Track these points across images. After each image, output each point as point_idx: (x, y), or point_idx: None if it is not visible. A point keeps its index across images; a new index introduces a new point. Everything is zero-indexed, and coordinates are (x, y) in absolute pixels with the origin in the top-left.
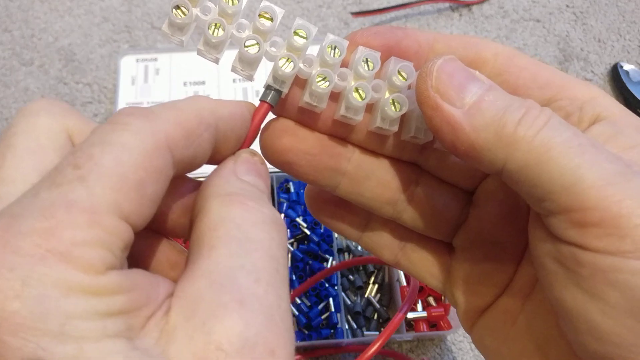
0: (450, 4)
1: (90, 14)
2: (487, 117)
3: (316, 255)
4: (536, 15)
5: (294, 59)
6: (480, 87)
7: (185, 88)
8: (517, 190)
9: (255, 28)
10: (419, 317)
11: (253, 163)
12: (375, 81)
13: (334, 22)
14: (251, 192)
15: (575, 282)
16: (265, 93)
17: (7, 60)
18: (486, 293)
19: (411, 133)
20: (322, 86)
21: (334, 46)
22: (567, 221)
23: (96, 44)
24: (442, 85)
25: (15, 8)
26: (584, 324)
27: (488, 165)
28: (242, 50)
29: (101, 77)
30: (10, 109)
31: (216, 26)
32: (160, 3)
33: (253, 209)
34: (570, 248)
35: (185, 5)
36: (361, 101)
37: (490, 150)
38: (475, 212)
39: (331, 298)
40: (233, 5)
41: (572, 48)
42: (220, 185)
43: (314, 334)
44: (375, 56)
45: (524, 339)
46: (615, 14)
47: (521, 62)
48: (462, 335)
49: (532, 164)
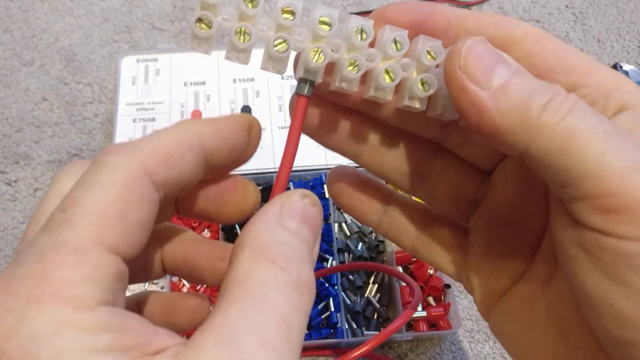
0: (450, 4)
1: (90, 15)
2: (513, 101)
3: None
4: (536, 15)
5: (324, 49)
6: (507, 70)
7: (186, 88)
8: (540, 174)
9: (278, 25)
10: (419, 317)
11: (301, 207)
12: (404, 60)
13: None
14: (286, 247)
15: (598, 267)
16: (300, 86)
17: (8, 60)
18: (503, 277)
19: (438, 111)
20: (353, 71)
21: (361, 29)
22: (590, 207)
23: (97, 45)
24: (470, 66)
25: (16, 8)
26: (607, 309)
27: (510, 148)
28: (272, 50)
29: (102, 77)
30: (10, 109)
31: (242, 32)
32: (161, 4)
33: (279, 270)
34: (593, 234)
35: (208, 18)
36: (391, 82)
37: (513, 133)
38: (492, 192)
39: (331, 298)
40: (253, 7)
41: None
42: (258, 234)
43: (314, 334)
44: (403, 36)
45: (543, 325)
46: (614, 15)
47: (549, 44)
48: (461, 335)
49: (556, 150)
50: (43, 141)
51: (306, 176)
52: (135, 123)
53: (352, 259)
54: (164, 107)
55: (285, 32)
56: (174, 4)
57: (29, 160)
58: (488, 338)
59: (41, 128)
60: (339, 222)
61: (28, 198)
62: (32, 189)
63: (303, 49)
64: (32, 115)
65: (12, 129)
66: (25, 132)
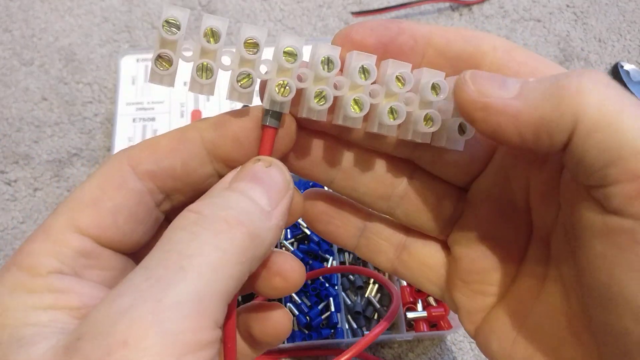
0: (451, 4)
1: (90, 14)
2: (542, 90)
3: (316, 255)
4: (536, 15)
5: (290, 83)
6: (519, 80)
7: (185, 88)
8: (581, 160)
9: (242, 58)
10: (419, 317)
11: (251, 168)
12: (372, 87)
13: (334, 22)
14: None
15: (628, 261)
16: (266, 118)
17: (8, 60)
18: (488, 294)
19: (409, 136)
20: (319, 103)
21: (328, 59)
22: (632, 190)
23: (96, 44)
24: (482, 86)
25: (16, 8)
26: (628, 307)
27: (556, 137)
28: (236, 85)
29: (101, 76)
30: (10, 108)
31: (204, 67)
32: (161, 3)
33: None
34: (630, 222)
35: (168, 55)
36: (359, 113)
37: (556, 119)
38: (470, 209)
39: (331, 298)
40: (215, 42)
41: (572, 48)
42: (203, 196)
43: (314, 334)
44: (371, 64)
45: (534, 341)
46: (615, 14)
47: (520, 56)
48: (462, 335)
49: (604, 126)
50: (43, 141)
51: None
52: (135, 123)
53: (352, 258)
54: (163, 107)
55: (248, 66)
56: (174, 4)
57: (28, 160)
58: None
59: (41, 128)
60: None
61: (28, 198)
62: (32, 188)
63: (268, 81)
64: (32, 115)
65: (11, 128)
66: (24, 131)
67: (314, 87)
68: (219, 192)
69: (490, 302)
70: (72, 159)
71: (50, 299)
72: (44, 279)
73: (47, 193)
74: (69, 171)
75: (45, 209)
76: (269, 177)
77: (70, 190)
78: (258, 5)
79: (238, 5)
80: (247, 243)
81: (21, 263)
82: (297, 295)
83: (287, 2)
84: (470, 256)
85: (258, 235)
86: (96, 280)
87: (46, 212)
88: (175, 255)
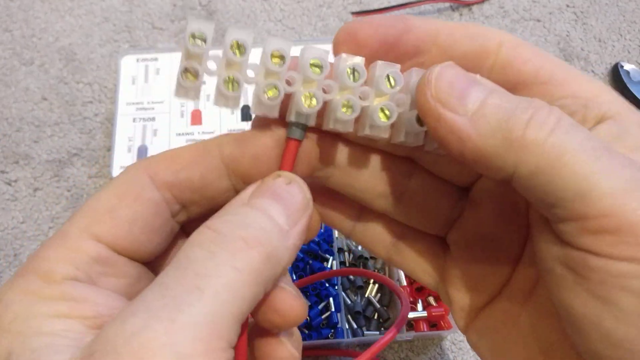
0: (451, 4)
1: (90, 14)
2: (493, 122)
3: (316, 255)
4: (536, 15)
5: (316, 93)
6: (482, 92)
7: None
8: (527, 196)
9: (267, 70)
10: (419, 317)
11: (271, 185)
12: (362, 89)
13: (334, 22)
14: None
15: (585, 288)
16: (292, 130)
17: (8, 60)
18: (482, 291)
19: (401, 138)
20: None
21: (353, 70)
22: (580, 228)
23: (97, 44)
24: (442, 94)
25: (16, 8)
26: (595, 330)
27: (498, 171)
28: (263, 98)
29: (102, 76)
30: (10, 108)
31: (229, 80)
32: (161, 3)
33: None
34: (582, 254)
35: (195, 68)
36: (350, 115)
37: (500, 155)
38: (471, 210)
39: (331, 298)
40: (241, 55)
41: (572, 48)
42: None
43: (314, 334)
44: (360, 65)
45: (524, 341)
46: (615, 14)
47: (525, 53)
48: (462, 335)
49: (545, 169)
50: (43, 141)
51: None
52: (135, 122)
53: (353, 258)
54: (163, 107)
55: (274, 77)
56: (174, 4)
57: (28, 160)
58: None
59: (41, 128)
60: None
61: (28, 198)
62: (32, 188)
63: (294, 92)
64: (32, 115)
65: (11, 128)
66: (25, 131)
67: (340, 98)
68: (237, 208)
69: (483, 300)
70: (72, 159)
71: (65, 307)
72: (58, 286)
73: (47, 193)
74: (69, 171)
75: (45, 209)
76: (289, 195)
77: (71, 190)
78: (258, 6)
79: (238, 5)
80: (264, 264)
81: (36, 269)
82: None
83: (287, 2)
84: (468, 255)
85: (275, 256)
86: (111, 288)
87: (46, 212)
88: (191, 274)
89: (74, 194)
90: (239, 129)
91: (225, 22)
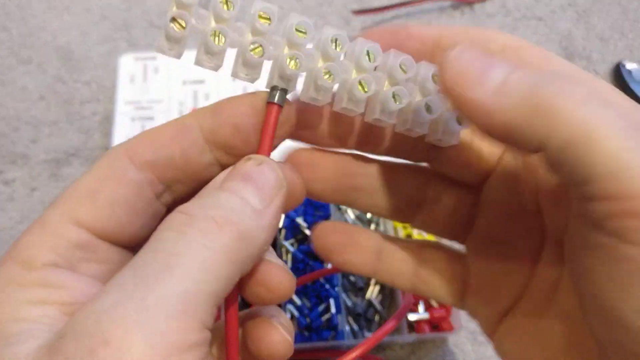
0: (452, 2)
1: (88, 13)
2: (519, 94)
3: (316, 255)
4: (538, 13)
5: (300, 57)
6: (504, 70)
7: (185, 87)
8: (559, 172)
9: (254, 30)
10: (421, 319)
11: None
12: (377, 73)
13: (334, 20)
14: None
15: (614, 278)
16: (272, 94)
17: (5, 58)
18: (503, 297)
19: (407, 126)
20: (328, 80)
21: (335, 39)
22: (611, 209)
23: (95, 43)
24: (460, 76)
25: (13, 6)
26: (622, 323)
27: (529, 143)
28: (247, 54)
29: (100, 75)
30: (7, 107)
31: (216, 34)
32: (159, 1)
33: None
34: (612, 240)
35: (183, 17)
36: (364, 93)
37: (531, 126)
38: (483, 210)
39: (332, 299)
40: (229, 9)
41: (574, 46)
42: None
43: (315, 336)
44: (377, 48)
45: (547, 342)
46: (618, 13)
47: (528, 55)
48: (464, 337)
49: (576, 143)
50: (40, 140)
51: None
52: (134, 122)
53: None
54: (162, 106)
55: (261, 37)
56: None
57: (26, 160)
58: None
59: (38, 127)
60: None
61: (25, 198)
62: (29, 188)
63: (277, 56)
64: (30, 114)
65: (9, 128)
66: (22, 131)
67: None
68: (209, 192)
69: (505, 305)
70: (70, 159)
71: (43, 293)
72: (38, 272)
73: (44, 193)
74: (66, 171)
75: (42, 209)
76: (261, 175)
77: None
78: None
79: None
80: (237, 243)
81: (16, 256)
82: (297, 296)
83: (288, 0)
84: (486, 259)
85: (249, 235)
86: (92, 274)
87: None
88: (162, 254)
89: None
90: None
91: None
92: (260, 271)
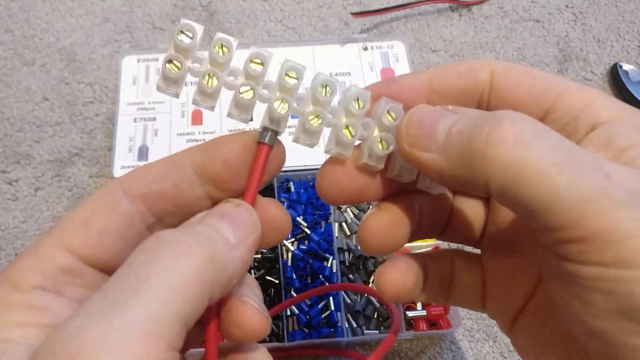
0: (450, 4)
1: (91, 14)
2: (458, 149)
3: (316, 254)
4: (536, 15)
5: (288, 100)
6: (447, 122)
7: (186, 88)
8: (509, 209)
9: (247, 73)
10: (419, 316)
11: (221, 207)
12: (365, 119)
13: (334, 23)
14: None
15: (567, 289)
16: (263, 134)
17: (9, 60)
18: (516, 294)
19: (395, 172)
20: (314, 124)
21: (325, 85)
22: (552, 238)
23: (97, 44)
24: (414, 137)
25: (17, 8)
26: (582, 327)
27: (478, 191)
28: (238, 96)
29: (102, 77)
30: (11, 109)
31: (210, 76)
32: (162, 3)
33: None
34: (558, 260)
35: (179, 60)
36: (350, 138)
37: (472, 177)
38: (492, 214)
39: (331, 297)
40: (224, 54)
41: (571, 48)
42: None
43: (314, 333)
44: (366, 95)
45: (555, 338)
46: (614, 14)
47: (515, 76)
48: (461, 335)
49: (511, 185)
50: (44, 141)
51: (306, 175)
52: (136, 123)
53: (352, 258)
54: (164, 107)
55: (252, 82)
56: (175, 4)
57: (29, 160)
58: (488, 337)
59: (42, 128)
60: (339, 222)
61: (29, 198)
62: (33, 188)
63: (270, 99)
64: (33, 115)
65: (13, 128)
66: (26, 131)
67: (310, 110)
68: (187, 224)
69: (520, 302)
70: (73, 159)
71: (27, 315)
72: (24, 294)
73: (48, 193)
74: (70, 171)
75: (46, 209)
76: (237, 215)
77: (72, 190)
78: (258, 6)
79: (239, 5)
80: (206, 265)
81: (6, 278)
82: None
83: (288, 2)
84: (497, 261)
85: (219, 259)
86: (78, 298)
87: (47, 212)
88: (131, 277)
89: (74, 194)
90: (239, 129)
91: (225, 23)
92: (234, 310)
